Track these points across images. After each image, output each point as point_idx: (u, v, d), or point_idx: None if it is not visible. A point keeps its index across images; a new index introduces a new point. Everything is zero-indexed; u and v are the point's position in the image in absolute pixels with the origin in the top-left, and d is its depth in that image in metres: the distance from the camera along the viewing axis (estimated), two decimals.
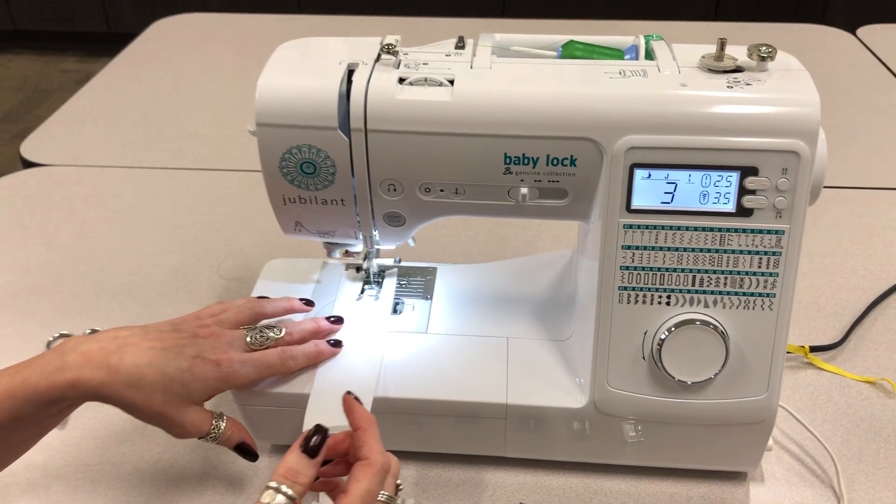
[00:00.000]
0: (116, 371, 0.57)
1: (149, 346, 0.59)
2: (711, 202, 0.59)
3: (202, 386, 0.60)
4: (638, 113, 0.58)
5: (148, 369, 0.58)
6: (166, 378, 0.58)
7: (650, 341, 0.63)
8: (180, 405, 0.59)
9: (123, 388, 0.57)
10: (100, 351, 0.58)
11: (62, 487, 0.69)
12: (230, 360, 0.62)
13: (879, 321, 0.87)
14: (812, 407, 0.77)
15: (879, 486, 0.69)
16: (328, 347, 0.67)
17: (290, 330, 0.67)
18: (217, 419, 0.62)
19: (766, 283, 0.61)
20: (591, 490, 0.69)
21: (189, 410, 0.60)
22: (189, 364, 0.60)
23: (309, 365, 0.67)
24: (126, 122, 1.29)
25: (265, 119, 0.61)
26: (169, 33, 1.64)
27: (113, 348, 0.58)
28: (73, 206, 1.08)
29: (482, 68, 0.62)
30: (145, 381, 0.58)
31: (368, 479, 0.53)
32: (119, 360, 0.57)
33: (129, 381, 0.57)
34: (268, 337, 0.65)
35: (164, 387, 0.58)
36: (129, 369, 0.57)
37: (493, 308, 0.75)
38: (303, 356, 0.66)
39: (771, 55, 0.60)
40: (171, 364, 0.59)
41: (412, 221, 0.66)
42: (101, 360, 0.57)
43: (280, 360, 0.65)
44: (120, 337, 0.59)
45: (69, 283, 0.93)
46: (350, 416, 0.58)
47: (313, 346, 0.67)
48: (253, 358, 0.63)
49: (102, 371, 0.57)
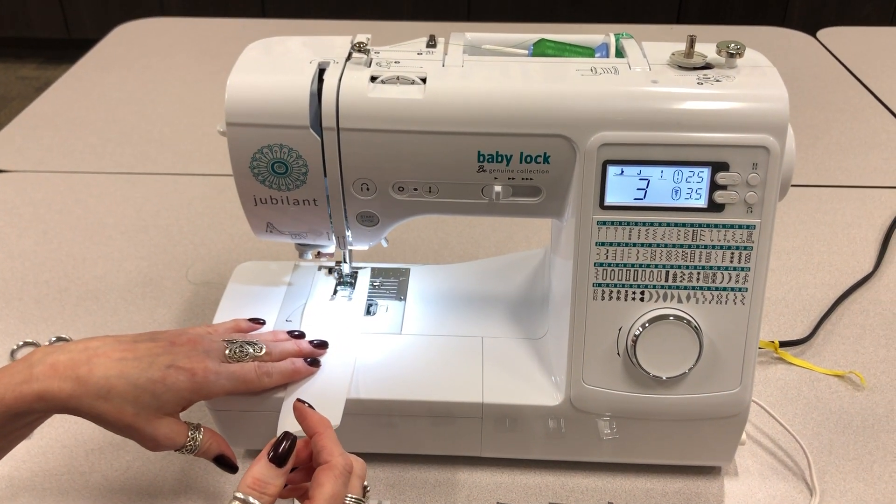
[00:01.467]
0: (85, 382, 0.55)
1: (119, 356, 0.58)
2: (683, 198, 0.60)
3: (174, 397, 0.59)
4: (610, 110, 0.58)
5: (117, 380, 0.56)
6: (137, 389, 0.57)
7: (625, 337, 0.63)
8: (152, 417, 0.58)
9: (93, 399, 0.56)
10: (68, 362, 0.56)
11: (28, 499, 0.67)
12: (205, 370, 0.60)
13: (846, 316, 0.89)
14: (783, 401, 0.78)
15: (850, 478, 0.70)
16: (305, 367, 0.66)
17: (270, 350, 0.65)
18: (194, 430, 0.60)
19: (738, 278, 0.61)
20: (567, 488, 0.69)
21: (162, 422, 0.58)
22: (161, 374, 0.58)
23: (284, 383, 0.65)
24: (89, 127, 1.27)
25: (235, 118, 0.60)
26: (130, 38, 1.61)
27: (82, 359, 0.56)
28: (35, 213, 1.05)
29: (454, 66, 0.62)
30: (114, 392, 0.56)
31: (332, 482, 0.52)
32: (88, 371, 0.56)
33: (99, 392, 0.56)
34: (246, 353, 0.64)
35: (135, 398, 0.57)
36: (98, 381, 0.56)
37: (468, 308, 0.75)
38: (279, 374, 0.64)
39: (740, 52, 0.61)
40: (141, 375, 0.57)
41: (385, 221, 0.66)
42: (69, 371, 0.55)
43: (256, 375, 0.63)
44: (90, 348, 0.58)
45: (33, 290, 0.91)
46: (303, 423, 0.57)
47: (290, 364, 0.65)
48: (230, 370, 0.62)
49: (70, 383, 0.55)
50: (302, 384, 0.65)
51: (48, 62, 3.44)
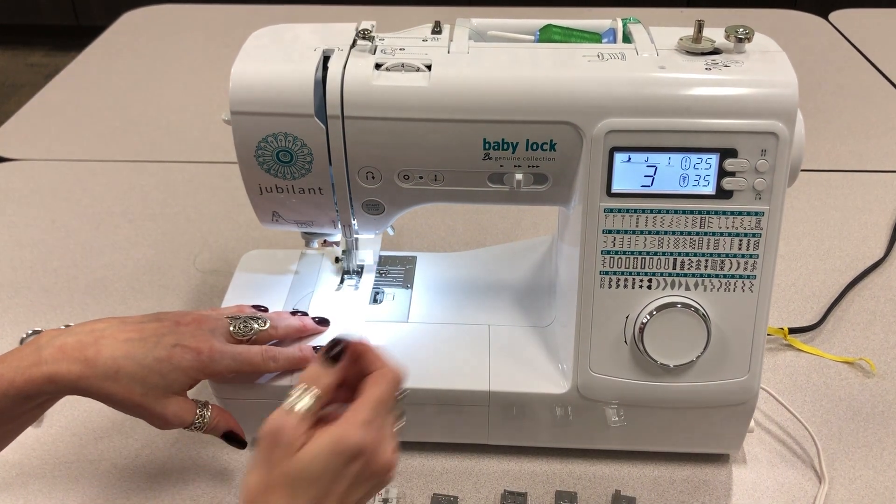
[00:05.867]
0: (93, 364, 0.56)
1: (126, 337, 0.58)
2: (691, 185, 0.59)
3: (181, 375, 0.59)
4: (617, 96, 0.58)
5: (125, 361, 0.57)
6: (144, 369, 0.57)
7: (632, 325, 0.63)
8: (160, 396, 0.58)
9: (101, 380, 0.56)
10: (76, 344, 0.57)
11: (39, 486, 0.68)
12: (211, 349, 0.60)
13: (856, 302, 0.88)
14: (792, 388, 0.77)
15: (859, 465, 0.70)
16: (312, 354, 0.66)
17: (275, 324, 0.66)
18: (202, 408, 0.61)
19: (746, 265, 0.61)
20: (574, 475, 0.69)
21: (170, 401, 0.59)
22: (167, 353, 0.58)
23: (290, 369, 0.65)
24: (97, 115, 1.27)
25: (240, 107, 0.60)
26: (139, 25, 1.61)
27: (89, 341, 0.57)
28: (44, 201, 1.06)
29: (459, 53, 0.61)
30: (122, 372, 0.57)
31: (384, 385, 0.51)
32: (96, 352, 0.56)
33: (107, 373, 0.56)
34: (251, 328, 0.64)
35: (143, 378, 0.57)
36: (106, 361, 0.56)
37: (474, 296, 0.75)
38: (284, 359, 0.64)
39: (748, 37, 0.60)
40: (148, 354, 0.58)
41: (391, 209, 0.66)
42: (77, 353, 0.56)
43: (262, 359, 0.63)
44: (97, 329, 0.58)
45: (41, 279, 0.92)
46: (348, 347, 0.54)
47: (297, 351, 0.65)
48: (235, 350, 0.62)
49: (79, 364, 0.56)
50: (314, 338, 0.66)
51: (57, 49, 3.44)
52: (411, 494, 0.67)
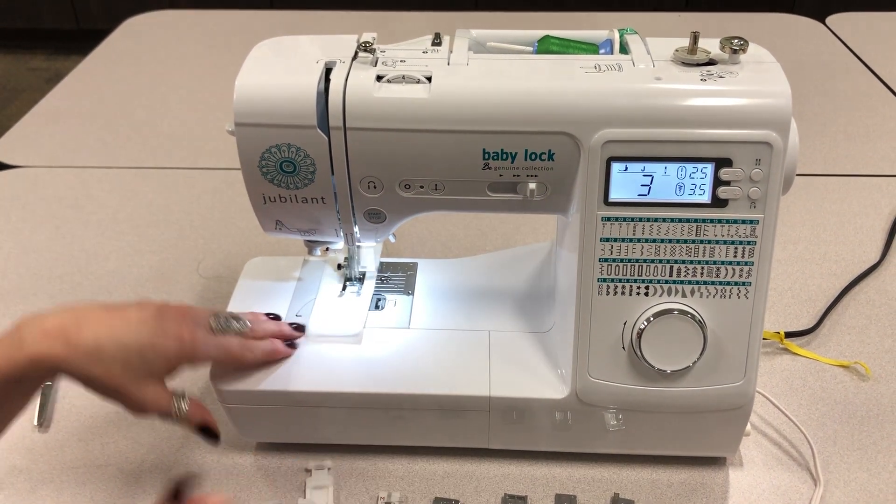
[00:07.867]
0: (75, 344, 0.56)
1: (108, 318, 0.58)
2: (687, 194, 0.60)
3: (162, 361, 0.60)
4: (614, 107, 0.59)
5: (107, 342, 0.57)
6: (126, 351, 0.58)
7: (630, 331, 0.64)
8: (139, 379, 0.59)
9: (83, 361, 0.56)
10: (59, 325, 0.57)
11: (47, 491, 0.69)
12: (193, 337, 0.61)
13: (852, 306, 0.89)
14: (788, 392, 0.78)
15: (854, 468, 0.71)
16: (284, 348, 0.68)
17: (255, 328, 0.67)
18: (178, 399, 0.62)
19: (741, 272, 0.62)
20: (573, 479, 0.70)
21: (149, 387, 0.59)
22: (150, 338, 0.59)
23: (264, 361, 0.67)
24: (100, 122, 1.28)
25: (244, 119, 0.61)
26: (141, 30, 1.62)
27: (72, 322, 0.57)
28: (48, 208, 1.07)
29: (459, 65, 0.62)
30: (104, 353, 0.57)
31: None
32: (77, 333, 0.56)
33: (89, 354, 0.56)
34: (231, 326, 0.65)
35: (124, 360, 0.57)
36: (88, 343, 0.56)
37: (474, 302, 0.76)
38: (260, 351, 0.67)
39: (743, 48, 0.61)
40: (130, 336, 0.58)
41: (392, 218, 0.67)
42: (59, 334, 0.56)
43: (240, 349, 0.65)
44: (79, 310, 0.58)
45: (46, 286, 0.93)
46: None
47: (270, 345, 0.68)
48: (216, 340, 0.64)
49: (61, 345, 0.56)
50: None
51: (58, 53, 3.45)
52: (413, 498, 0.69)
